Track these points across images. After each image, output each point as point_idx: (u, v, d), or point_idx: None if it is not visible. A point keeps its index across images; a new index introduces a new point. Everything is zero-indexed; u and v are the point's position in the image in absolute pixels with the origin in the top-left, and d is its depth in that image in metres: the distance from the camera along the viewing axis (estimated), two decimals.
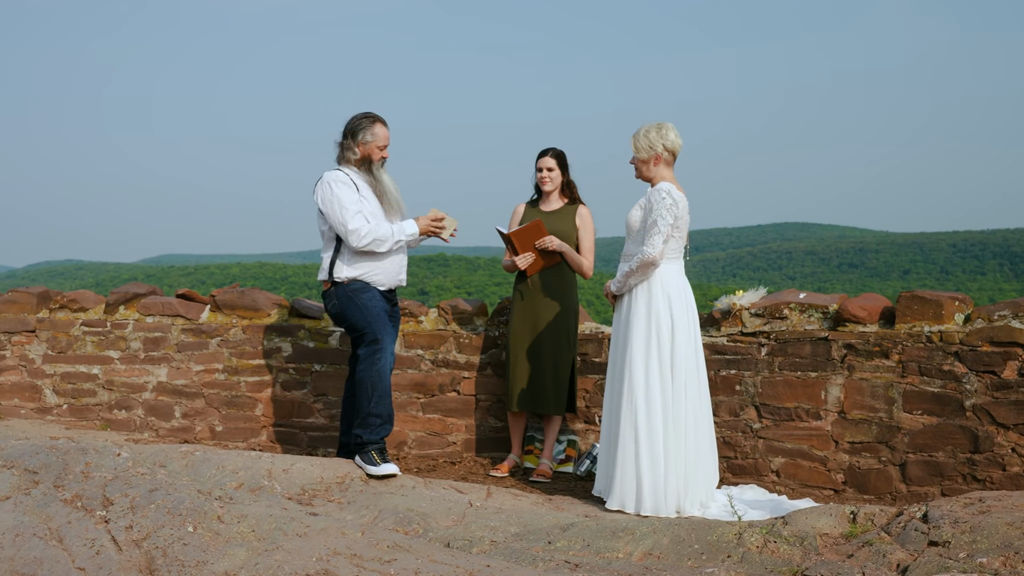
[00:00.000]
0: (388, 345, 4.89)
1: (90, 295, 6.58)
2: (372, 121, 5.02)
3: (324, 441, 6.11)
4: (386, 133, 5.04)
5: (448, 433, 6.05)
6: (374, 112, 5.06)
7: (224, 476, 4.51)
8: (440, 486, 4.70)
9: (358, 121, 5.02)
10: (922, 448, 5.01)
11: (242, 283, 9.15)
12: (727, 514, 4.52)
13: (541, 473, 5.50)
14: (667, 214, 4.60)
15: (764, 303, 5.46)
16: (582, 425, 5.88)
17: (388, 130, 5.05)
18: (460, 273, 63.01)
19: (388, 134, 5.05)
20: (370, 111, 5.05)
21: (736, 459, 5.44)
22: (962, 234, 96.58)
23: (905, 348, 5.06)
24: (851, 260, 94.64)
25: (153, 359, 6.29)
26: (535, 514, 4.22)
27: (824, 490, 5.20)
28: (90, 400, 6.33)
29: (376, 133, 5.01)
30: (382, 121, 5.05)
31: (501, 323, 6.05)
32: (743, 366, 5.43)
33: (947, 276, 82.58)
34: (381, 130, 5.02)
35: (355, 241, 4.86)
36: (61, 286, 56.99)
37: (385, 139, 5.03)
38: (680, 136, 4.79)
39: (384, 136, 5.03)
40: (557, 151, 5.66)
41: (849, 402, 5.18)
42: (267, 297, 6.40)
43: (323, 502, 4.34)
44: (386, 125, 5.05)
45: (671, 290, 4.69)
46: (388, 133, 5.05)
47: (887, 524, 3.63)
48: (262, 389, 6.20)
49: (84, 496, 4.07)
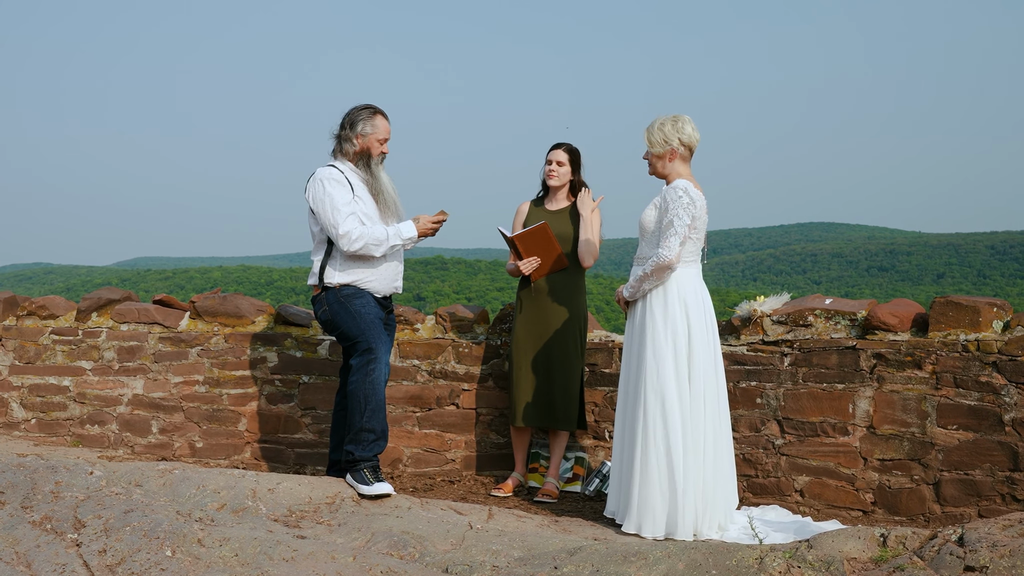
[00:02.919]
0: (383, 355, 4.90)
1: (60, 301, 6.59)
2: (373, 112, 5.05)
3: (313, 458, 6.12)
4: (387, 126, 5.08)
5: (446, 450, 6.05)
6: (375, 104, 5.10)
7: (205, 496, 4.51)
8: (438, 507, 4.70)
9: (358, 112, 5.05)
10: (957, 466, 5.01)
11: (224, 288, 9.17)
12: (747, 537, 4.52)
13: (547, 493, 5.50)
14: (684, 214, 4.61)
15: (787, 309, 5.47)
16: (591, 441, 5.88)
17: (389, 123, 5.09)
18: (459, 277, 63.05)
19: (389, 127, 5.09)
20: (370, 103, 5.09)
21: (757, 477, 5.44)
22: (1001, 235, 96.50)
23: (939, 358, 5.06)
24: (881, 263, 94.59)
25: (128, 370, 6.30)
26: (540, 537, 4.22)
27: (852, 511, 5.20)
28: (60, 414, 6.34)
29: (376, 125, 5.04)
30: (383, 113, 5.08)
31: (503, 331, 6.05)
32: (764, 377, 5.43)
33: (985, 280, 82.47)
34: (382, 122, 5.06)
35: (346, 245, 4.87)
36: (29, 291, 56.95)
37: (386, 132, 5.07)
38: (697, 129, 4.80)
39: (385, 129, 5.06)
40: (571, 147, 5.67)
41: (879, 416, 5.18)
42: (251, 303, 6.41)
43: (312, 524, 4.34)
44: (387, 118, 5.10)
45: (688, 296, 4.69)
46: (389, 126, 5.09)
47: (920, 548, 3.63)
48: (246, 402, 6.21)
49: (54, 518, 4.07)
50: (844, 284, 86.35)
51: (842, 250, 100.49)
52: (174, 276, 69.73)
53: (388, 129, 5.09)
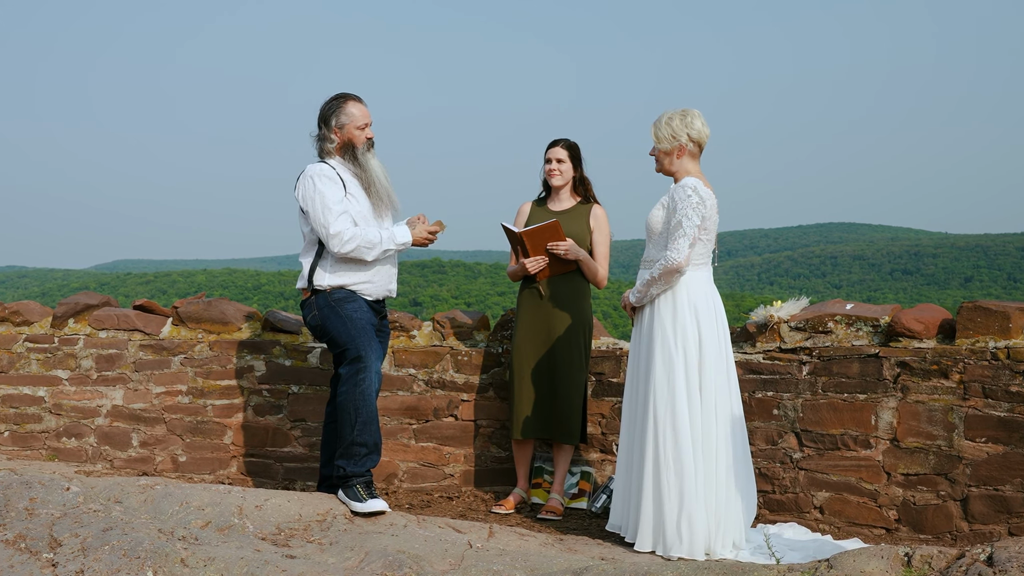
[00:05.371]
0: (373, 363, 4.90)
1: (35, 307, 6.60)
2: (344, 100, 5.03)
3: (302, 473, 6.13)
4: (363, 110, 5.05)
5: (444, 464, 6.06)
6: (346, 91, 5.09)
7: (188, 513, 4.52)
8: (435, 525, 4.71)
9: (328, 105, 5.04)
10: (986, 481, 5.01)
11: (209, 293, 9.18)
12: (763, 556, 4.52)
13: (551, 509, 5.50)
14: (693, 214, 4.62)
15: (806, 315, 5.47)
16: (597, 455, 5.88)
17: (366, 107, 5.07)
18: (458, 281, 63.07)
19: (366, 111, 5.06)
20: (342, 91, 5.09)
21: (774, 493, 5.44)
22: None
23: (967, 366, 5.06)
24: (905, 265, 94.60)
25: (107, 380, 6.31)
26: (544, 556, 4.22)
27: (874, 529, 5.20)
28: (35, 427, 6.35)
29: (351, 113, 5.03)
30: (355, 98, 5.06)
31: (504, 338, 6.06)
32: (782, 387, 5.44)
33: (1015, 284, 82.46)
34: (356, 108, 5.04)
35: (337, 246, 4.88)
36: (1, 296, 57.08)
37: (364, 117, 5.04)
38: (707, 125, 4.81)
39: (362, 114, 5.04)
40: (570, 142, 5.68)
41: (903, 428, 5.18)
42: (237, 309, 6.42)
43: (301, 543, 4.35)
44: (361, 101, 5.06)
45: (698, 301, 4.70)
46: (366, 110, 5.06)
47: (946, 568, 3.63)
48: (232, 414, 6.22)
49: (28, 536, 4.07)
50: (866, 288, 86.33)
51: (864, 252, 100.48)
52: (155, 280, 69.82)
53: (366, 113, 5.06)
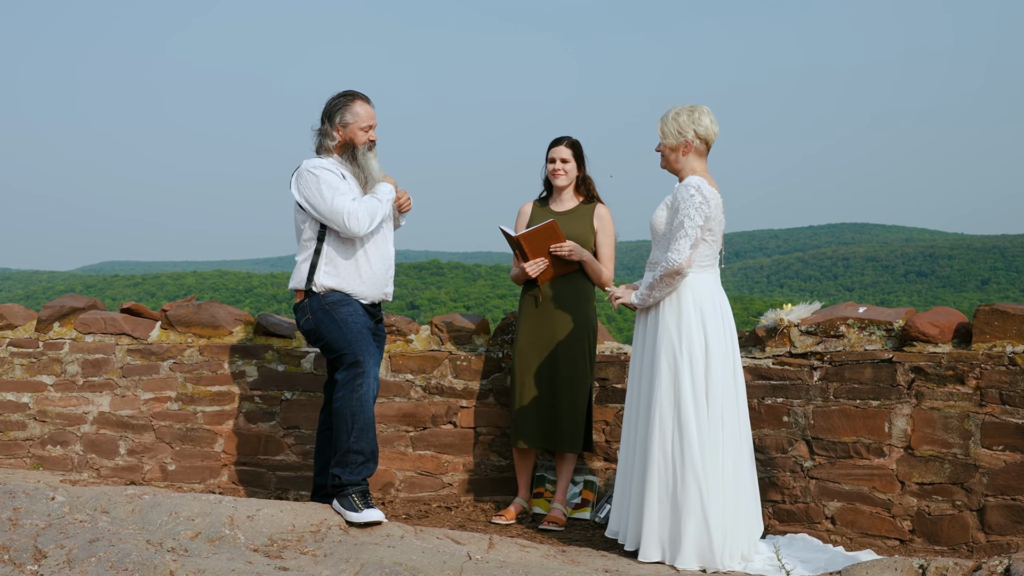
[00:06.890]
0: (371, 369, 4.91)
1: (19, 310, 6.60)
2: (351, 99, 5.05)
3: (296, 482, 6.13)
4: (370, 111, 5.07)
5: (443, 473, 6.06)
6: (354, 89, 5.10)
7: (178, 524, 4.52)
8: (434, 535, 4.71)
9: (335, 101, 5.06)
10: (1004, 490, 5.00)
11: (199, 295, 9.18)
12: (773, 568, 4.52)
13: (553, 520, 5.50)
14: (695, 214, 4.62)
15: (817, 319, 5.47)
16: (601, 463, 5.88)
17: (372, 108, 5.09)
18: (457, 283, 63.07)
19: (372, 112, 5.08)
20: (350, 88, 5.09)
21: (784, 503, 5.44)
22: None
23: (984, 372, 5.06)
24: (920, 267, 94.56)
25: (94, 385, 6.31)
26: (546, 568, 4.22)
27: (888, 540, 5.20)
28: (19, 434, 6.35)
29: (357, 112, 5.04)
30: (363, 98, 5.08)
31: (505, 342, 6.06)
32: (792, 393, 5.44)
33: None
34: (363, 108, 5.06)
35: (354, 225, 4.89)
36: None
37: (369, 118, 5.07)
38: (716, 123, 4.81)
39: (367, 115, 5.06)
40: (572, 140, 5.69)
41: (917, 436, 5.18)
42: (228, 312, 6.42)
43: (295, 555, 4.35)
44: (369, 102, 5.09)
45: (704, 304, 4.70)
46: (373, 111, 5.09)
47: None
48: (223, 421, 6.22)
49: (12, 547, 4.07)
50: (879, 291, 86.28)
51: (877, 253, 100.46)
52: (144, 282, 69.83)
53: (372, 114, 5.08)
